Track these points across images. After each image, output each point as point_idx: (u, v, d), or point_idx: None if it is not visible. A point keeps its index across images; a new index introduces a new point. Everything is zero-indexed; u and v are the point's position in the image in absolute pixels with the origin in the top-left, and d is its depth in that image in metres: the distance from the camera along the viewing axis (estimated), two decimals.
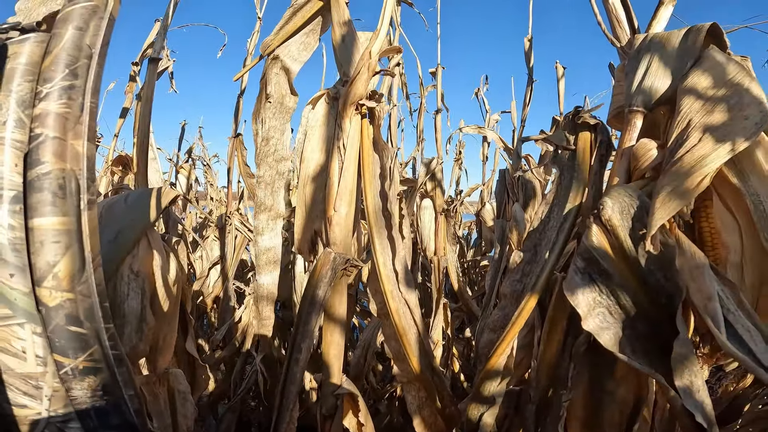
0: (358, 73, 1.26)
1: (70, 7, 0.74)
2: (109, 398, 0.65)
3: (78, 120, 0.69)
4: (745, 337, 0.80)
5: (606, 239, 0.92)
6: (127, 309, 1.16)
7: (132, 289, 1.17)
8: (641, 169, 1.00)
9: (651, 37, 1.15)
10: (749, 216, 0.91)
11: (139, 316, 1.17)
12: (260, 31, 3.18)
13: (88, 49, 0.72)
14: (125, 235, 1.21)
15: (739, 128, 0.89)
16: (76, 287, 0.65)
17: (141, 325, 1.16)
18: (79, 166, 0.69)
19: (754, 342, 0.80)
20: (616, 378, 1.12)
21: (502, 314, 1.22)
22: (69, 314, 0.64)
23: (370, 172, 1.25)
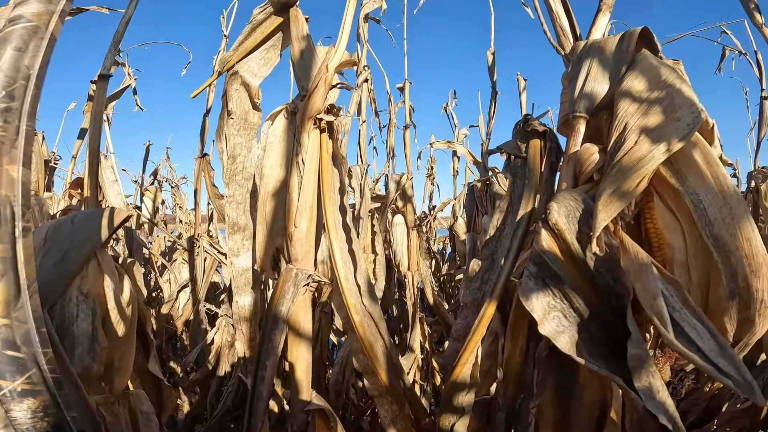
0: (315, 86, 1.27)
1: (10, 27, 0.74)
2: (50, 419, 0.65)
3: (13, 144, 0.68)
4: (693, 335, 0.82)
5: (555, 243, 0.94)
6: (77, 330, 1.15)
7: (81, 310, 1.16)
8: (586, 174, 1.02)
9: (590, 43, 1.18)
10: (690, 215, 0.94)
11: (90, 337, 1.16)
12: (226, 48, 3.19)
13: (27, 70, 0.71)
14: (72, 257, 1.20)
15: (673, 129, 0.92)
16: (12, 313, 0.65)
17: (93, 346, 1.16)
18: (14, 193, 0.68)
19: (702, 339, 0.82)
20: (580, 382, 1.13)
21: (465, 323, 1.24)
22: (5, 339, 0.64)
23: (329, 187, 1.27)
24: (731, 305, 0.94)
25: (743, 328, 0.96)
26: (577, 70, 1.17)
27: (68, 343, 1.16)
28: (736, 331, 0.97)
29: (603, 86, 1.11)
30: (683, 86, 0.99)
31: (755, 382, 0.76)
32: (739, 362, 0.78)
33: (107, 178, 3.46)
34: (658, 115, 0.96)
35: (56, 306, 1.17)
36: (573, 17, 1.38)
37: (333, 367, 2.94)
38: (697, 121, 0.93)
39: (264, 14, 1.52)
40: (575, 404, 1.14)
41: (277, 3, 1.49)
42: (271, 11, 1.51)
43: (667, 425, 0.85)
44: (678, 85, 1.00)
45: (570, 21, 1.36)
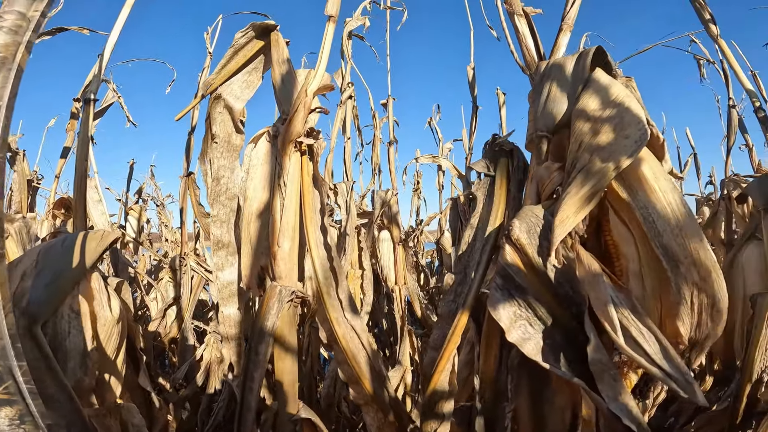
0: (295, 111, 1.34)
1: None
2: (27, 427, 0.71)
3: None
4: (640, 339, 0.89)
5: (518, 257, 1.02)
6: (69, 345, 1.23)
7: (73, 326, 1.23)
8: (547, 191, 1.10)
9: (552, 63, 1.25)
10: (641, 227, 1.01)
11: (82, 352, 1.23)
12: (210, 65, 3.23)
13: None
14: (63, 278, 1.27)
15: (622, 147, 1.00)
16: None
17: (84, 360, 1.23)
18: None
19: (648, 343, 0.89)
20: (552, 387, 1.20)
21: (441, 333, 1.30)
22: None
23: (310, 208, 1.33)
24: (683, 311, 1.01)
25: (698, 332, 1.04)
26: (539, 89, 1.24)
27: (61, 357, 1.22)
28: (691, 335, 1.05)
29: (562, 105, 1.18)
30: (632, 104, 1.07)
31: (696, 383, 0.83)
32: (682, 364, 0.85)
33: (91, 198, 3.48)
34: (608, 134, 1.03)
35: (49, 323, 1.24)
36: (537, 37, 1.44)
37: (324, 381, 2.99)
38: (644, 138, 1.01)
39: (246, 38, 1.57)
40: (548, 408, 1.21)
41: (259, 27, 1.55)
42: (253, 35, 1.57)
43: (631, 426, 0.91)
44: (627, 103, 1.07)
45: (535, 41, 1.43)
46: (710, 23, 1.89)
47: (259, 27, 1.55)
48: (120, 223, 5.19)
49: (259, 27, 1.55)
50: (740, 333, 1.72)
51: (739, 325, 1.74)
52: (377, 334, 4.25)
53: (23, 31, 0.81)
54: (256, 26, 1.55)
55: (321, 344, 3.52)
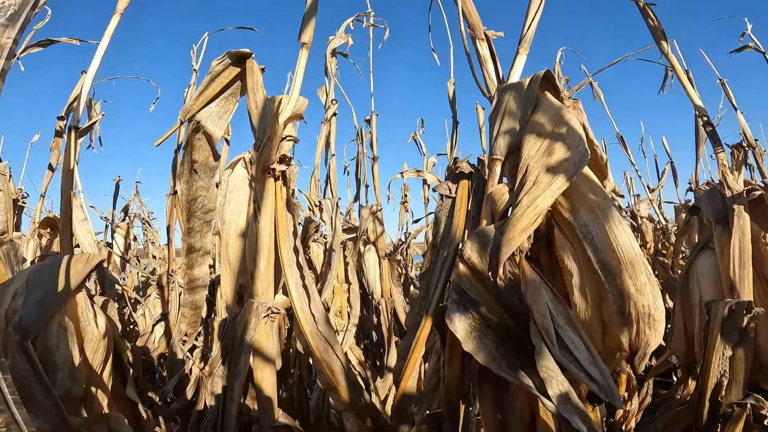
0: (268, 139, 1.42)
1: None
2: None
3: None
4: (572, 347, 0.98)
5: (470, 273, 1.11)
6: (58, 358, 1.34)
7: (62, 341, 1.35)
8: (499, 212, 1.19)
9: (506, 86, 1.33)
10: (581, 243, 1.11)
11: (70, 364, 1.35)
12: (196, 82, 3.28)
13: None
14: (52, 297, 1.38)
15: (563, 169, 1.09)
16: None
17: (72, 372, 1.34)
18: None
19: (578, 351, 0.98)
20: (511, 392, 1.29)
21: (407, 343, 1.39)
22: None
23: (283, 231, 1.42)
24: (622, 320, 1.10)
25: (637, 341, 1.13)
26: (495, 112, 1.31)
27: (51, 369, 1.34)
28: (632, 342, 1.13)
29: (515, 128, 1.25)
30: (575, 124, 1.15)
31: (615, 387, 0.92)
32: (605, 370, 0.95)
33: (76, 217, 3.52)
34: (552, 156, 1.12)
35: (39, 338, 1.36)
36: (497, 61, 1.52)
37: (314, 392, 3.05)
38: (584, 160, 1.10)
39: (222, 65, 1.65)
40: (509, 410, 1.29)
41: (234, 54, 1.63)
42: (229, 62, 1.65)
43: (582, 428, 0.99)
44: (571, 123, 1.16)
45: (495, 64, 1.50)
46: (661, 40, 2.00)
47: (235, 54, 1.63)
48: (107, 241, 5.23)
49: (235, 54, 1.63)
50: (698, 338, 1.81)
51: (698, 331, 1.83)
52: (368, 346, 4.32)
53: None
54: (232, 54, 1.63)
55: None
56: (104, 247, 4.57)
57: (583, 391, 1.19)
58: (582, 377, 0.95)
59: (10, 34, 0.86)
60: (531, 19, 1.46)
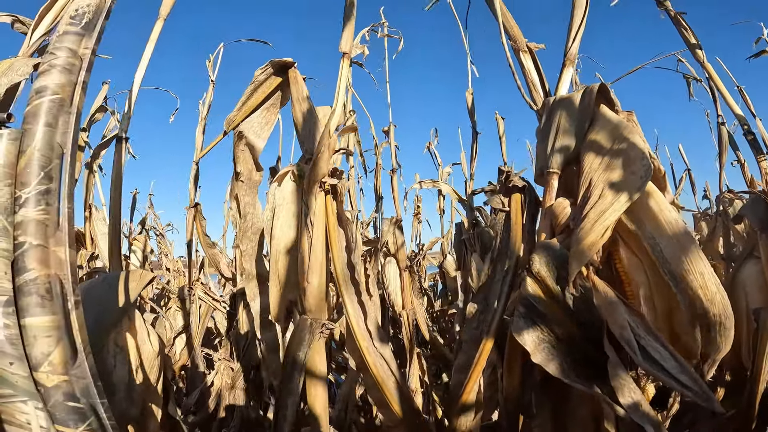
0: (320, 152, 1.42)
1: (38, 99, 0.76)
2: None
3: (57, 226, 0.75)
4: (657, 357, 0.98)
5: (539, 287, 1.11)
6: (115, 378, 1.32)
7: (118, 360, 1.33)
8: (561, 225, 1.19)
9: (558, 99, 1.34)
10: (649, 256, 1.11)
11: (127, 384, 1.32)
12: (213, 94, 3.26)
13: (60, 148, 0.76)
14: (107, 315, 1.37)
15: (629, 183, 1.10)
16: (71, 371, 0.76)
17: (129, 393, 1.32)
18: (63, 271, 0.76)
19: (665, 360, 0.98)
20: (573, 402, 1.28)
21: (466, 357, 1.38)
22: (66, 392, 0.75)
23: (336, 246, 1.42)
24: (694, 329, 1.11)
25: (709, 348, 1.13)
26: (548, 126, 1.33)
27: (108, 390, 1.30)
28: (702, 350, 1.14)
29: (570, 142, 1.27)
30: (636, 139, 1.16)
31: (711, 392, 0.92)
32: (697, 377, 0.94)
33: (99, 231, 3.54)
34: (616, 170, 1.13)
35: (96, 358, 1.32)
36: (542, 72, 1.53)
37: (336, 404, 3.04)
38: (649, 173, 1.11)
39: (264, 75, 1.66)
40: (570, 422, 1.29)
41: (277, 64, 1.64)
42: (271, 72, 1.66)
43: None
44: (632, 138, 1.17)
45: (539, 76, 1.51)
46: (696, 48, 2.01)
47: (278, 64, 1.64)
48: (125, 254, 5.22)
49: (278, 64, 1.64)
50: (747, 344, 1.81)
51: (745, 337, 1.83)
52: None
53: (77, 69, 0.81)
54: (275, 63, 1.64)
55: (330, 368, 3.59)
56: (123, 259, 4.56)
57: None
58: (674, 385, 0.95)
59: (87, 43, 0.83)
60: (576, 31, 1.48)
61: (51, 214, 0.75)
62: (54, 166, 0.75)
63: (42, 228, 0.74)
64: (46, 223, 0.74)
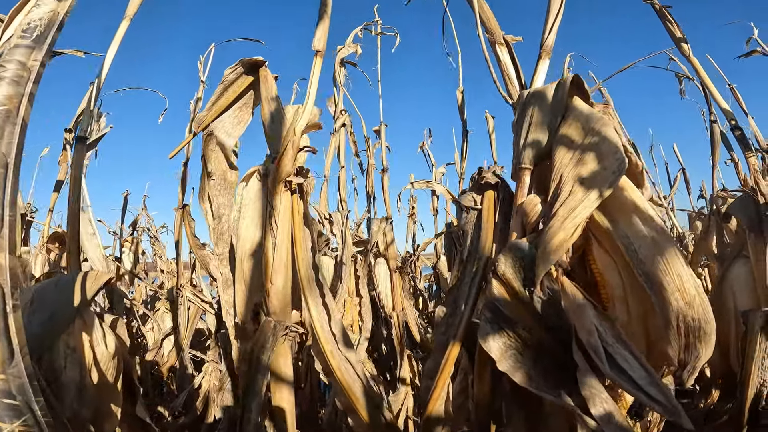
0: (284, 150, 1.36)
1: None
2: None
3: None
4: (625, 366, 0.91)
5: (505, 290, 1.04)
6: (65, 379, 1.29)
7: (69, 362, 1.29)
8: (531, 224, 1.12)
9: (531, 92, 1.27)
10: (623, 256, 1.04)
11: (78, 385, 1.28)
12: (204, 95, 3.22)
13: (3, 158, 0.76)
14: (58, 317, 1.32)
15: (600, 178, 1.03)
16: (7, 370, 0.76)
17: (81, 393, 1.27)
18: (3, 277, 0.76)
19: (633, 370, 0.91)
20: (545, 410, 1.21)
21: (434, 363, 1.32)
22: (2, 390, 0.76)
23: (301, 246, 1.35)
24: (670, 334, 1.04)
25: (687, 354, 1.06)
26: (521, 119, 1.25)
27: (57, 391, 1.28)
28: (681, 357, 1.07)
29: (543, 136, 1.20)
30: (609, 132, 1.09)
31: (680, 406, 0.85)
32: (666, 389, 0.87)
33: (85, 232, 3.47)
34: (587, 165, 1.06)
35: (45, 358, 1.30)
36: (518, 65, 1.46)
37: (326, 407, 2.99)
38: (622, 168, 1.04)
39: (235, 74, 1.60)
40: (544, 430, 1.22)
41: (247, 63, 1.58)
42: (242, 71, 1.60)
43: None
44: (604, 131, 1.09)
45: (516, 69, 1.44)
46: (682, 42, 1.94)
47: (248, 63, 1.58)
48: (115, 255, 5.17)
49: (248, 63, 1.58)
50: (735, 347, 1.74)
51: (734, 339, 1.77)
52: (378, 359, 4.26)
53: (25, 81, 0.84)
54: (245, 62, 1.58)
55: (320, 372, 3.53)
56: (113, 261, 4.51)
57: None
58: (641, 397, 0.88)
59: (37, 56, 0.85)
60: (552, 22, 1.41)
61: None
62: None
63: None
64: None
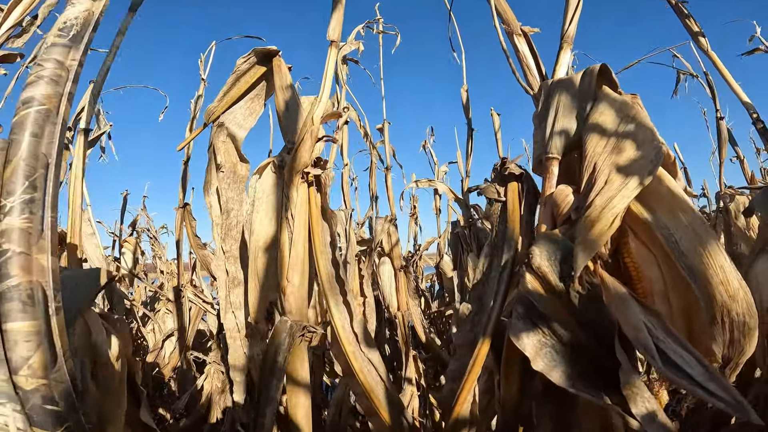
0: (302, 140, 1.30)
1: (25, 110, 0.78)
2: None
3: (40, 235, 0.76)
4: (680, 362, 0.86)
5: (540, 284, 0.99)
6: None
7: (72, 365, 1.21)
8: (563, 215, 1.07)
9: (556, 82, 1.23)
10: (663, 248, 0.99)
11: (81, 390, 1.20)
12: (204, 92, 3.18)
13: (45, 158, 0.77)
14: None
15: (638, 166, 0.98)
16: (50, 375, 0.76)
17: (84, 398, 1.21)
18: (45, 278, 0.77)
19: (690, 366, 0.86)
20: (579, 411, 1.16)
21: (459, 364, 1.27)
22: (44, 396, 0.76)
23: (320, 241, 1.30)
24: (714, 329, 0.99)
25: (731, 350, 1.01)
26: (545, 110, 1.21)
27: None
28: (724, 352, 1.02)
29: (571, 125, 1.16)
30: (644, 121, 1.05)
31: (746, 402, 0.80)
32: (728, 384, 0.82)
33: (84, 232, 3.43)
34: (624, 153, 1.01)
35: None
36: (538, 56, 1.42)
37: (329, 409, 2.94)
38: (660, 156, 0.99)
39: (247, 64, 1.55)
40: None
41: (260, 53, 1.53)
42: (255, 61, 1.55)
43: None
44: (639, 120, 1.05)
45: (535, 59, 1.41)
46: (699, 36, 1.90)
47: (261, 53, 1.53)
48: (114, 256, 5.11)
49: (261, 53, 1.53)
50: (761, 345, 1.69)
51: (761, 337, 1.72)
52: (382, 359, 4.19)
53: (63, 81, 0.84)
54: (258, 52, 1.53)
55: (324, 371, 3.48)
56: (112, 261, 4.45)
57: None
58: (701, 394, 0.82)
59: (75, 55, 0.86)
60: (572, 12, 1.38)
61: (34, 223, 0.76)
62: (39, 176, 0.77)
63: (25, 236, 0.76)
64: (30, 232, 0.76)
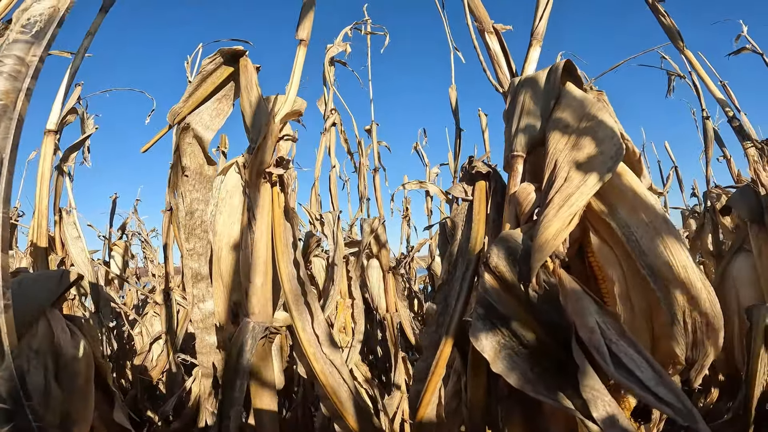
0: (263, 139, 1.28)
1: None
2: None
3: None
4: (631, 366, 0.83)
5: (498, 284, 0.96)
6: (29, 383, 1.18)
7: (33, 365, 1.19)
8: (525, 213, 1.04)
9: (522, 79, 1.21)
10: (624, 247, 0.97)
11: (43, 390, 1.19)
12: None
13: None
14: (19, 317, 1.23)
15: (598, 163, 0.95)
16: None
17: (46, 399, 1.19)
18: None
19: (640, 369, 0.83)
20: (545, 415, 1.14)
21: (425, 365, 1.24)
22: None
23: (281, 242, 1.28)
24: (676, 330, 0.96)
25: (695, 352, 0.98)
26: (512, 107, 1.19)
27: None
28: (688, 354, 0.99)
29: (536, 123, 1.13)
30: (605, 117, 1.02)
31: (695, 409, 0.77)
32: (678, 390, 0.79)
33: (70, 235, 3.41)
34: (583, 150, 0.99)
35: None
36: (508, 53, 1.40)
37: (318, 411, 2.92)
38: (620, 153, 0.96)
39: (213, 65, 1.52)
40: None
41: (227, 53, 1.50)
42: (221, 61, 1.52)
43: None
44: (601, 116, 1.03)
45: (506, 58, 1.38)
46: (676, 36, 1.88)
47: (228, 53, 1.50)
48: (104, 259, 5.09)
49: (228, 53, 1.50)
50: (739, 345, 1.67)
51: (737, 337, 1.70)
52: (374, 361, 4.19)
53: (22, 77, 0.84)
54: (225, 52, 1.50)
55: None
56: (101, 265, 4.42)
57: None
58: (650, 400, 0.80)
59: (36, 51, 0.85)
60: (542, 9, 1.35)
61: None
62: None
63: None
64: None
